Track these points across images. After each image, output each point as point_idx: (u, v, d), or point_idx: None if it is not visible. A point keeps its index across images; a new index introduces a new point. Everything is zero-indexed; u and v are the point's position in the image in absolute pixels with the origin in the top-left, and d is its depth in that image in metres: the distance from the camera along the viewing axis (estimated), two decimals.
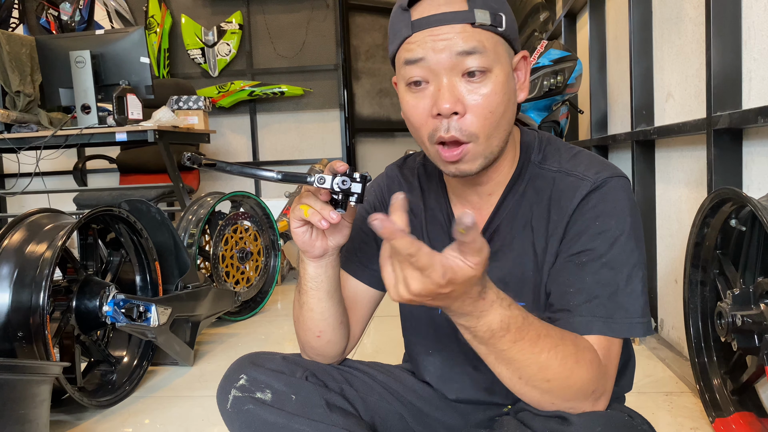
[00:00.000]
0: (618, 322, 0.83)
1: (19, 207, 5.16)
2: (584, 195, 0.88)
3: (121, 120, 2.88)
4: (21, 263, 1.77)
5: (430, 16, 0.82)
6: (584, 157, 0.93)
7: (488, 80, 0.83)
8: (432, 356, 1.07)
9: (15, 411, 1.42)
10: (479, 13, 0.82)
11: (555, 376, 0.77)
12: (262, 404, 0.94)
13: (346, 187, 0.82)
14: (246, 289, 3.02)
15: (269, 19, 5.34)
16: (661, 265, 2.37)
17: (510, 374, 0.78)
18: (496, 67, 0.84)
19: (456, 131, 0.83)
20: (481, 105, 0.83)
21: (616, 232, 0.85)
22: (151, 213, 2.25)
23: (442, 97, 0.82)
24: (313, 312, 0.97)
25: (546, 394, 0.79)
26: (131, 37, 2.96)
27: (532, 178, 0.94)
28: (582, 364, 0.78)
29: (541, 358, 0.76)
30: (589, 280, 0.84)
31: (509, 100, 0.87)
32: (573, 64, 2.62)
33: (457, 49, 0.81)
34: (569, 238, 0.88)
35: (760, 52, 1.58)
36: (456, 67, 0.82)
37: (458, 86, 0.83)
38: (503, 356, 0.76)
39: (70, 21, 5.33)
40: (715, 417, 1.57)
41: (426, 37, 0.82)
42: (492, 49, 0.83)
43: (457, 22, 0.82)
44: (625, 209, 0.87)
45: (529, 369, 0.76)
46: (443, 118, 0.83)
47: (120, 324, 1.94)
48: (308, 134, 5.40)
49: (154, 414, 1.93)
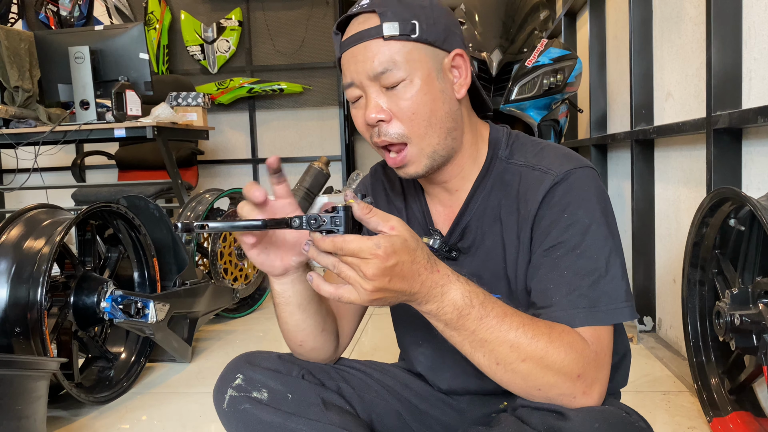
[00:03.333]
0: (602, 309, 0.84)
1: (17, 203, 5.15)
2: (548, 188, 0.90)
3: (120, 116, 2.88)
4: (19, 259, 1.76)
5: (350, 36, 0.91)
6: (550, 151, 0.95)
7: (407, 87, 0.89)
8: (422, 347, 1.08)
9: (12, 406, 1.42)
10: (388, 26, 0.88)
11: (529, 356, 0.78)
12: (259, 403, 0.94)
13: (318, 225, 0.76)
14: (244, 286, 3.02)
15: (269, 16, 5.33)
16: (660, 265, 2.37)
17: (487, 360, 0.80)
18: (413, 74, 0.89)
19: (385, 135, 0.91)
20: (403, 109, 0.90)
21: (586, 222, 0.87)
22: (149, 209, 2.25)
23: (368, 109, 0.91)
24: (287, 324, 0.98)
25: (528, 379, 0.79)
26: (130, 33, 2.95)
27: (499, 173, 0.97)
28: (557, 344, 0.79)
29: (509, 336, 0.78)
30: (567, 273, 0.85)
31: (435, 99, 0.91)
32: (573, 62, 2.62)
33: (370, 72, 0.89)
34: (540, 233, 0.89)
35: (760, 52, 1.58)
36: (374, 82, 0.91)
37: (380, 97, 0.91)
38: (475, 339, 0.78)
39: (69, 16, 5.32)
40: (713, 416, 1.57)
41: (349, 59, 0.92)
42: (404, 59, 0.89)
43: (370, 38, 0.89)
44: (592, 198, 0.89)
45: (501, 349, 0.78)
46: (372, 126, 0.92)
47: (118, 320, 1.94)
48: (307, 132, 5.39)
49: (152, 410, 1.92)
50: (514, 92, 2.47)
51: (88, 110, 2.91)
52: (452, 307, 0.77)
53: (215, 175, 5.38)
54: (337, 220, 0.75)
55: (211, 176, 5.35)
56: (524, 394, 0.82)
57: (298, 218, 0.76)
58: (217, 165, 5.39)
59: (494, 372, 0.80)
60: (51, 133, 2.92)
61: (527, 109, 2.57)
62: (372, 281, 0.73)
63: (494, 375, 0.81)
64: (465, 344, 0.80)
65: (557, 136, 2.75)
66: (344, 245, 0.73)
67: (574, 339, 0.81)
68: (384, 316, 2.64)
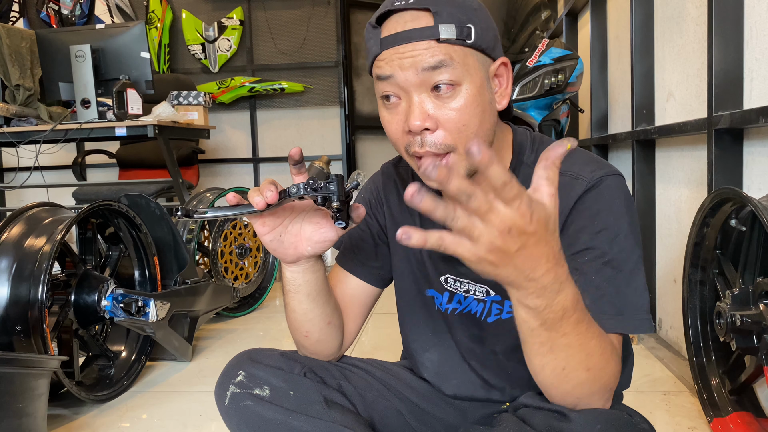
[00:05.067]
0: (627, 318, 0.83)
1: (17, 201, 5.15)
2: (580, 194, 0.87)
3: (121, 115, 2.88)
4: (20, 257, 1.76)
5: (396, 33, 0.83)
6: (578, 157, 0.93)
7: (458, 94, 0.83)
8: (429, 353, 1.07)
9: (13, 404, 1.42)
10: (444, 27, 0.81)
11: (594, 365, 0.75)
12: (261, 400, 0.93)
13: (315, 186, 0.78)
14: (245, 285, 3.02)
15: (270, 15, 5.33)
16: (660, 265, 2.37)
17: (555, 364, 0.73)
18: (466, 79, 0.83)
19: (430, 146, 0.84)
20: (453, 119, 0.83)
21: (615, 230, 0.85)
22: (150, 208, 2.25)
23: (412, 114, 0.83)
24: (295, 313, 0.97)
25: (578, 387, 0.76)
26: (132, 32, 2.95)
27: (524, 179, 0.93)
28: (613, 356, 0.78)
29: (591, 344, 0.73)
30: (595, 279, 0.83)
31: (483, 111, 0.85)
32: (574, 62, 2.62)
33: (423, 65, 0.81)
34: (568, 238, 0.87)
35: (762, 52, 1.58)
36: (424, 83, 0.82)
37: (427, 102, 0.83)
38: (561, 342, 0.71)
39: (71, 15, 5.32)
40: (713, 417, 1.57)
41: (393, 55, 0.83)
42: (460, 62, 0.82)
43: (423, 39, 0.81)
44: (622, 207, 0.87)
45: (579, 356, 0.73)
46: (415, 134, 0.84)
47: (118, 318, 1.94)
48: (308, 131, 5.39)
49: (152, 409, 1.92)
50: (515, 92, 2.47)
51: (89, 109, 2.91)
52: (560, 307, 0.68)
53: (216, 174, 5.38)
54: (331, 185, 0.77)
55: (211, 175, 5.35)
56: (560, 399, 0.79)
57: (294, 186, 0.76)
58: (217, 164, 5.39)
59: (556, 376, 0.75)
60: (52, 131, 2.92)
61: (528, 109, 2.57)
62: (498, 237, 0.59)
63: (548, 379, 0.76)
64: (546, 346, 0.72)
65: (558, 137, 2.75)
66: (511, 182, 0.57)
67: (614, 351, 0.79)
68: (385, 315, 2.65)
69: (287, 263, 0.91)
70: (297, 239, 0.88)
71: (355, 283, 1.08)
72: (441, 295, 1.03)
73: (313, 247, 0.88)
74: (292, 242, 0.88)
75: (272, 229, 0.87)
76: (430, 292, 1.05)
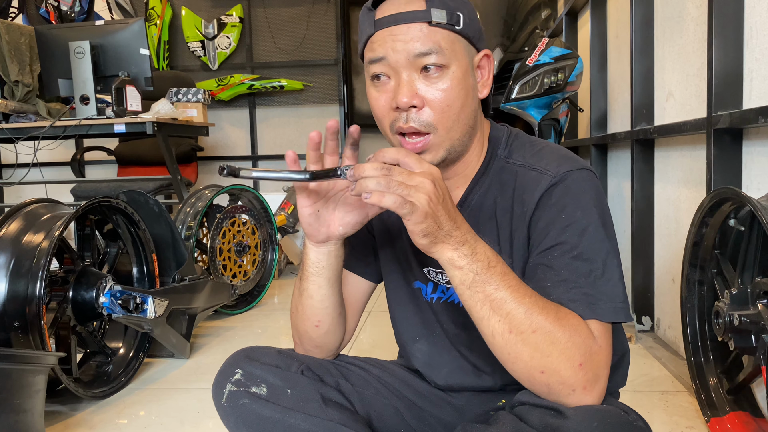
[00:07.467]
0: (602, 306, 0.83)
1: (16, 197, 5.14)
2: (545, 189, 0.90)
3: (120, 111, 2.87)
4: (18, 253, 1.76)
5: (390, 15, 0.88)
6: (548, 152, 0.95)
7: (445, 75, 0.88)
8: (419, 343, 1.08)
9: (10, 400, 1.42)
10: (436, 12, 0.87)
11: (539, 326, 0.77)
12: (258, 399, 0.94)
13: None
14: (243, 283, 3.02)
15: (270, 13, 5.33)
16: (659, 264, 2.37)
17: (501, 327, 0.78)
18: (453, 63, 0.88)
19: (414, 122, 0.88)
20: (439, 99, 0.88)
21: (583, 223, 0.86)
22: (149, 205, 2.24)
23: (400, 91, 0.87)
24: (312, 299, 0.98)
25: (535, 355, 0.78)
26: (131, 29, 2.95)
27: (497, 172, 0.97)
28: (564, 323, 0.79)
29: (526, 300, 0.78)
30: (564, 273, 0.84)
31: (467, 95, 0.91)
32: (574, 62, 2.61)
33: (414, 51, 0.87)
34: (537, 234, 0.89)
35: (761, 52, 1.58)
36: (413, 64, 0.87)
37: (416, 82, 0.88)
38: (496, 298, 0.78)
39: (70, 11, 5.31)
40: (711, 416, 1.57)
41: (386, 37, 0.88)
42: (449, 47, 0.88)
43: (415, 21, 0.87)
44: (590, 200, 0.88)
45: (518, 313, 0.78)
46: (402, 111, 0.88)
47: (116, 315, 1.94)
48: (307, 129, 5.39)
49: (150, 406, 1.92)
50: (514, 91, 2.47)
51: (88, 105, 2.91)
52: (484, 256, 0.79)
53: (215, 172, 5.37)
54: None
55: (210, 172, 5.35)
56: (527, 376, 0.80)
57: (346, 167, 0.79)
58: (216, 161, 5.39)
59: (506, 342, 0.78)
60: (51, 128, 2.92)
61: (528, 108, 2.56)
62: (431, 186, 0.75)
63: (504, 347, 0.79)
64: (485, 305, 0.78)
65: (557, 136, 2.75)
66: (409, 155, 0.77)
67: (580, 324, 0.80)
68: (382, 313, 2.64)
69: (316, 242, 0.93)
70: (331, 218, 0.91)
71: (352, 279, 1.09)
72: (426, 286, 1.05)
73: (344, 227, 0.91)
74: (327, 220, 0.91)
75: (314, 202, 0.89)
76: (416, 284, 1.06)
